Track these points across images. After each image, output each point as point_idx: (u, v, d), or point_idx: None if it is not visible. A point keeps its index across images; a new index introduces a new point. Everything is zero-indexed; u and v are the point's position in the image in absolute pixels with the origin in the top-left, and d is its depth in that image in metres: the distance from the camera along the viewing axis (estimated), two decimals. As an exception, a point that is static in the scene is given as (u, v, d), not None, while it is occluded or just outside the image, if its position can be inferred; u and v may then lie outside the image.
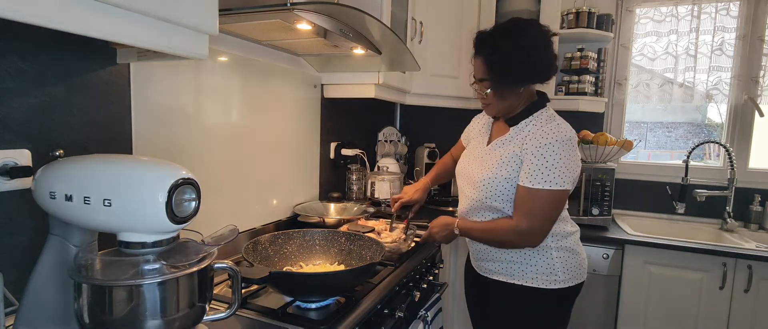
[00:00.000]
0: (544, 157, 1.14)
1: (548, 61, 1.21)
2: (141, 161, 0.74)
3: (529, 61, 1.17)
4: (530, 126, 1.23)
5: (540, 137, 1.17)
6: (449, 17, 2.16)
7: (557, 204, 1.18)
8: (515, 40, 1.17)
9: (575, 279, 1.28)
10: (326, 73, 1.87)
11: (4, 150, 0.82)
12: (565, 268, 1.25)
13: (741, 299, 1.82)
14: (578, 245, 1.31)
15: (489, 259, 1.33)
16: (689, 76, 2.34)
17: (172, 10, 0.71)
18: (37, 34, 0.86)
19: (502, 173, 1.22)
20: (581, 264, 1.30)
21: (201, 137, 1.29)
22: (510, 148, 1.23)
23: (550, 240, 1.24)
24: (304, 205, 1.78)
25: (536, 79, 1.23)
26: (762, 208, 2.23)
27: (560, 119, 1.24)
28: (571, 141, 1.16)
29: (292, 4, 1.00)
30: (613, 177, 2.14)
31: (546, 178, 1.14)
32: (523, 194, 1.18)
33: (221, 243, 0.76)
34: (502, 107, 1.27)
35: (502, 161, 1.23)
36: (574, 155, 1.17)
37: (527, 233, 1.18)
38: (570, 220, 1.33)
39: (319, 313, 1.02)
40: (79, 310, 0.69)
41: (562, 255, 1.26)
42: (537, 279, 1.25)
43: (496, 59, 1.20)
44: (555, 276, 1.25)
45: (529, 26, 1.20)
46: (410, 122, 2.88)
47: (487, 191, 1.24)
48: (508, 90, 1.23)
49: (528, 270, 1.26)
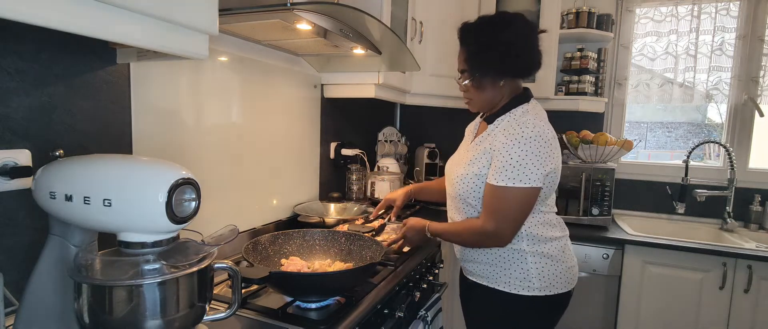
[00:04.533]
0: (510, 154, 1.11)
1: (530, 57, 1.19)
2: (141, 161, 0.75)
3: (509, 54, 1.15)
4: (504, 123, 1.19)
5: (508, 133, 1.13)
6: (449, 17, 2.16)
7: (525, 203, 1.13)
8: (497, 32, 1.15)
9: (554, 289, 1.20)
10: (326, 73, 1.87)
11: (4, 150, 0.82)
12: (540, 275, 1.19)
13: (741, 299, 1.82)
14: (562, 253, 1.23)
15: (470, 260, 1.30)
16: (689, 77, 2.34)
17: (172, 10, 0.71)
18: (37, 34, 0.86)
19: (473, 169, 1.19)
20: (564, 273, 1.22)
21: (201, 136, 1.29)
22: (483, 145, 1.20)
23: (525, 244, 1.19)
24: (304, 205, 1.78)
25: (516, 73, 1.21)
26: (762, 208, 2.23)
27: (536, 115, 1.18)
28: (540, 136, 1.11)
29: (292, 4, 1.00)
30: (613, 177, 2.14)
31: (511, 175, 1.10)
32: (490, 193, 1.15)
33: (221, 243, 0.76)
34: (482, 101, 1.24)
35: (474, 157, 1.20)
36: (544, 150, 1.11)
37: (493, 234, 1.15)
38: (558, 224, 1.27)
39: (319, 313, 1.02)
40: (79, 310, 0.69)
41: (539, 260, 1.19)
42: (510, 284, 1.21)
43: (475, 50, 1.18)
44: (529, 282, 1.19)
45: (513, 20, 1.17)
46: (410, 122, 2.88)
47: (460, 188, 1.23)
48: (486, 82, 1.20)
49: (502, 274, 1.22)
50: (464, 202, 1.25)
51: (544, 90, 2.23)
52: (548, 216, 1.24)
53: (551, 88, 2.26)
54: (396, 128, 2.71)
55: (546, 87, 2.23)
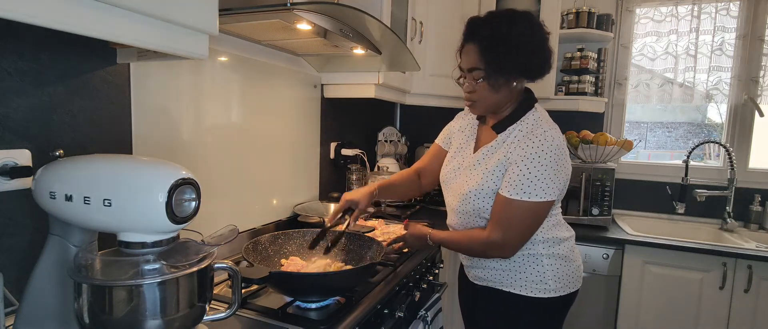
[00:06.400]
0: (529, 168, 1.07)
1: (544, 56, 1.13)
2: (141, 161, 0.75)
3: (526, 51, 1.09)
4: (516, 132, 1.15)
5: (525, 146, 1.09)
6: (449, 17, 2.16)
7: (537, 216, 1.11)
8: (513, 27, 1.09)
9: (567, 288, 1.21)
10: (326, 73, 1.87)
11: (4, 150, 0.82)
12: (556, 276, 1.19)
13: (741, 299, 1.82)
14: (572, 252, 1.24)
15: (477, 266, 1.27)
16: (689, 77, 2.34)
17: (172, 10, 0.71)
18: (37, 34, 0.86)
19: (489, 184, 1.15)
20: (574, 272, 1.23)
21: (201, 136, 1.29)
22: (496, 157, 1.15)
23: (541, 247, 1.18)
24: (304, 205, 1.78)
25: (531, 74, 1.14)
26: (762, 208, 2.23)
27: (548, 122, 1.15)
28: (559, 149, 1.08)
29: (292, 4, 1.00)
30: (613, 177, 2.14)
31: (528, 189, 1.07)
32: (502, 204, 1.11)
33: (221, 243, 0.76)
34: (491, 103, 1.16)
35: (489, 171, 1.15)
36: (561, 164, 1.09)
37: (500, 246, 1.12)
38: (565, 225, 1.26)
39: (319, 313, 1.02)
40: (79, 310, 0.69)
41: (554, 262, 1.19)
42: (526, 287, 1.19)
43: (490, 45, 1.09)
44: (545, 284, 1.18)
45: (526, 16, 1.11)
46: (410, 122, 2.88)
47: (474, 203, 1.17)
48: (502, 81, 1.12)
49: (517, 278, 1.20)
50: (477, 216, 1.20)
51: (544, 90, 2.23)
52: (558, 218, 1.23)
53: (551, 88, 2.26)
54: (396, 128, 2.71)
55: (546, 87, 2.23)
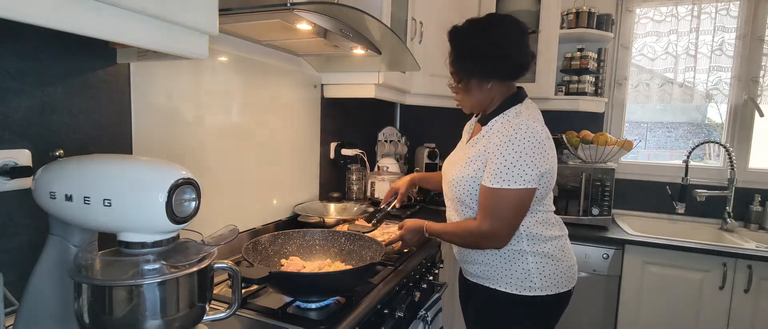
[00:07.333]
0: (504, 155, 1.11)
1: (518, 59, 1.19)
2: (141, 161, 0.75)
3: (494, 56, 1.17)
4: (497, 124, 1.20)
5: (501, 134, 1.14)
6: (449, 17, 2.14)
7: (520, 204, 1.13)
8: (484, 34, 1.18)
9: (556, 288, 1.21)
10: (326, 73, 1.87)
11: (4, 150, 0.82)
12: (542, 275, 1.20)
13: (741, 299, 1.82)
14: (562, 252, 1.24)
15: (469, 262, 1.30)
16: (689, 77, 2.34)
17: (172, 10, 0.71)
18: (37, 34, 0.86)
19: (468, 171, 1.20)
20: (565, 272, 1.23)
21: (201, 136, 1.29)
22: (477, 147, 1.21)
23: (525, 244, 1.20)
24: (304, 205, 1.78)
25: (502, 75, 1.21)
26: (762, 208, 2.23)
27: (530, 114, 1.19)
28: (533, 137, 1.11)
29: (292, 4, 1.00)
30: (613, 177, 2.14)
31: (506, 177, 1.11)
32: (486, 195, 1.15)
33: (221, 243, 0.76)
34: (472, 103, 1.26)
35: (469, 159, 1.21)
36: (537, 151, 1.11)
37: (489, 236, 1.15)
38: (557, 223, 1.27)
39: (319, 313, 1.02)
40: (79, 310, 0.69)
41: (540, 260, 1.20)
42: (511, 284, 1.21)
43: (460, 52, 1.21)
44: (530, 282, 1.20)
45: (502, 22, 1.19)
46: (410, 122, 2.88)
47: (457, 191, 1.23)
48: (473, 84, 1.22)
49: (503, 275, 1.22)
50: (461, 204, 1.25)
51: (544, 90, 2.23)
52: (547, 215, 1.24)
53: (551, 88, 2.26)
54: (396, 128, 2.71)
55: (546, 87, 2.23)
